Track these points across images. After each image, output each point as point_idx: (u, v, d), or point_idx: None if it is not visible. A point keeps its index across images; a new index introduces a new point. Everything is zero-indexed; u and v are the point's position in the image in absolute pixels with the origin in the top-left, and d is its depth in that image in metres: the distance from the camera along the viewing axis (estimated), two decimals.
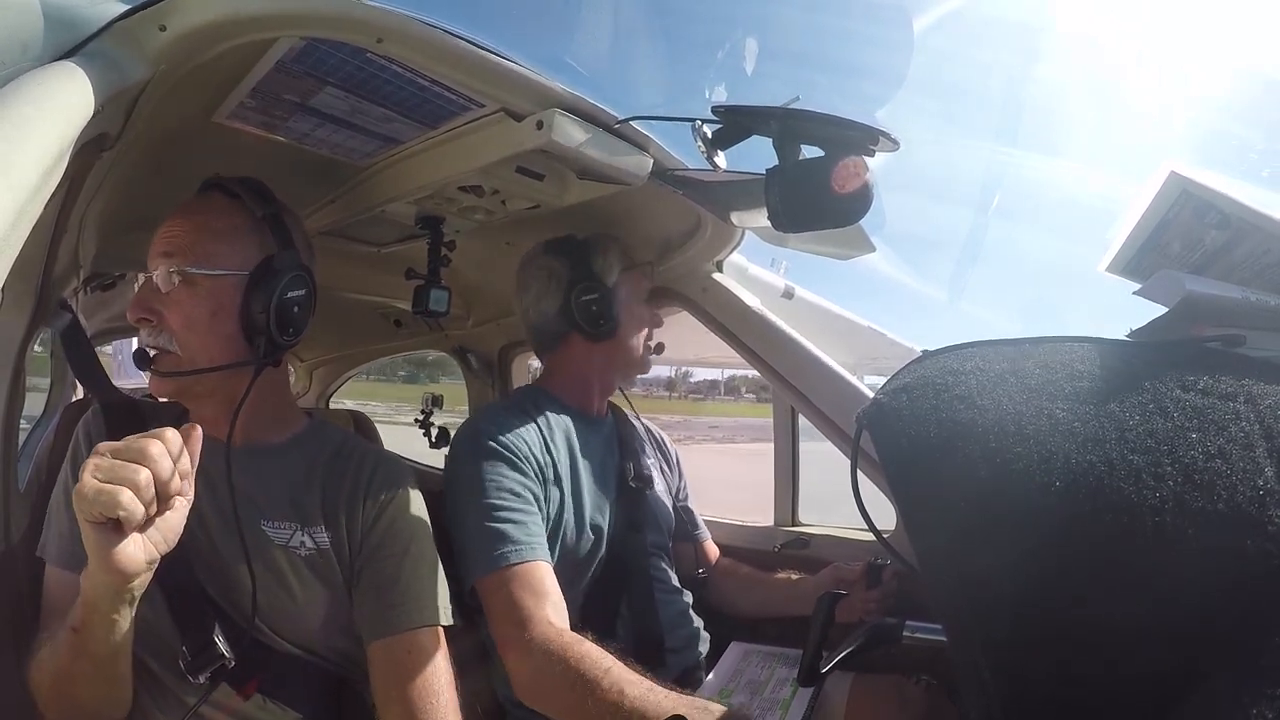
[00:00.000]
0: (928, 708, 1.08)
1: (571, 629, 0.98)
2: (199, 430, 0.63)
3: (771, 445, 1.62)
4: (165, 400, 0.93)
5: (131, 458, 0.58)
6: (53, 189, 0.55)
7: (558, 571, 1.05)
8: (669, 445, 1.50)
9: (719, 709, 0.81)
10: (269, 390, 0.90)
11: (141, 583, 0.62)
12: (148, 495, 0.58)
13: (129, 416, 0.91)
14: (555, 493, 1.13)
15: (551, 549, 1.08)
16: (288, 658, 0.86)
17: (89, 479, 0.56)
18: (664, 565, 1.28)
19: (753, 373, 1.46)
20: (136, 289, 0.88)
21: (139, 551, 0.59)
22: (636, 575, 1.21)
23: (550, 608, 0.98)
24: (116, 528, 0.58)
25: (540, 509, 1.09)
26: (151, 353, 0.85)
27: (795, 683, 1.13)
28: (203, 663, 0.80)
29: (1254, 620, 0.38)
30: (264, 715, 0.83)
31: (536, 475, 1.10)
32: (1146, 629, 0.40)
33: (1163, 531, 0.40)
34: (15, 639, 0.85)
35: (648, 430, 1.47)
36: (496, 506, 1.04)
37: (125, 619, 0.65)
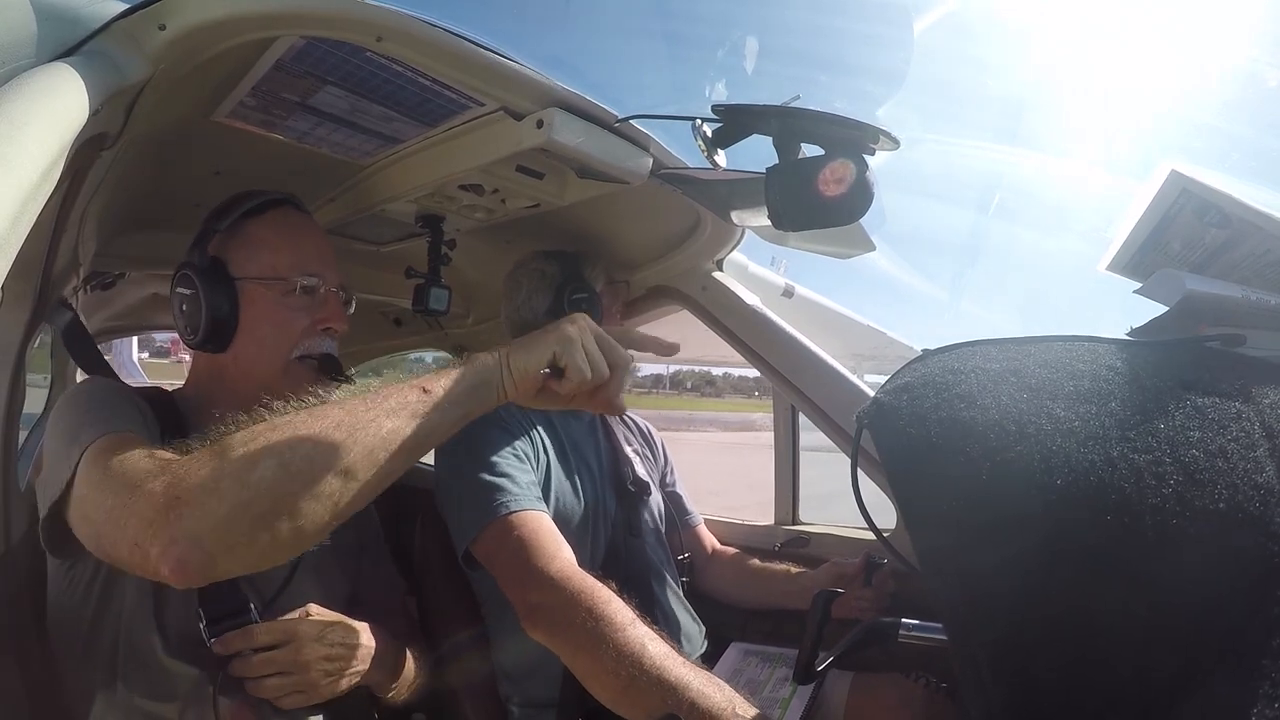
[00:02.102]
0: (928, 707, 1.08)
1: None
2: None
3: (678, 435, 1.64)
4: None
5: (610, 357, 0.70)
6: (52, 188, 0.55)
7: None
8: (653, 433, 1.52)
9: (728, 689, 0.81)
10: None
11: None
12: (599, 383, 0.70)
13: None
14: (544, 458, 1.17)
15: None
16: None
17: (592, 348, 0.69)
18: (662, 565, 1.28)
19: (699, 368, 1.46)
20: (319, 296, 0.92)
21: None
22: (635, 576, 1.22)
23: (566, 549, 0.99)
24: (558, 377, 0.69)
25: (532, 469, 1.13)
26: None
27: (794, 682, 1.13)
28: (226, 625, 0.81)
29: (1255, 620, 0.38)
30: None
31: (524, 436, 1.15)
32: (1147, 628, 0.40)
33: (1164, 531, 0.40)
34: (15, 639, 0.85)
35: (634, 423, 1.50)
36: (495, 463, 1.07)
37: (466, 416, 0.68)
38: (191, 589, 0.80)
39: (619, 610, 0.87)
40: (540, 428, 1.20)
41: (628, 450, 1.36)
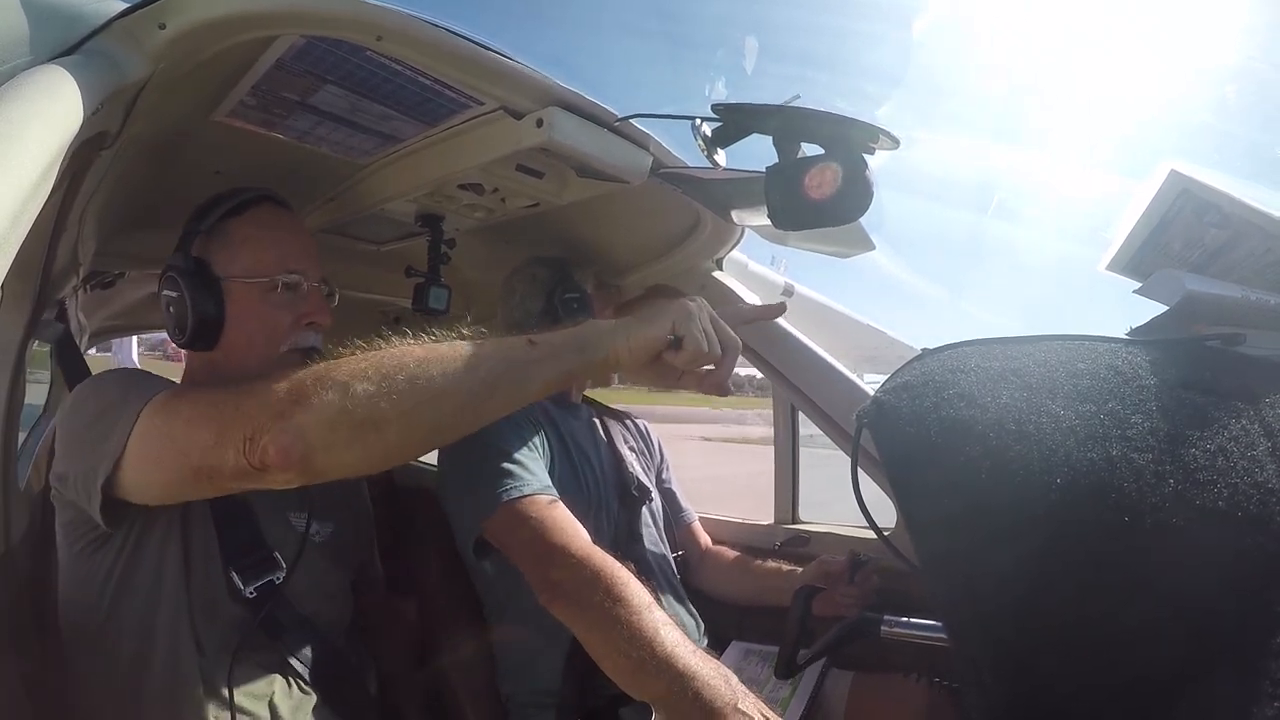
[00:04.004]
0: (927, 707, 1.08)
1: None
2: None
3: None
4: None
5: (723, 339, 0.73)
6: (51, 187, 0.55)
7: None
8: (649, 430, 1.52)
9: (735, 681, 0.81)
10: None
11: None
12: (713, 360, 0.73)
13: None
14: (548, 452, 1.18)
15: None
16: (313, 631, 0.93)
17: (708, 327, 0.72)
18: (661, 568, 1.28)
19: None
20: (302, 292, 0.93)
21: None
22: (641, 571, 1.22)
23: (586, 533, 1.00)
24: (676, 348, 0.71)
25: (540, 458, 1.14)
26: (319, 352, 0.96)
27: (795, 680, 1.14)
28: (256, 573, 0.86)
29: (1255, 619, 0.38)
30: (289, 699, 0.88)
31: (531, 430, 1.16)
32: (1147, 628, 0.40)
33: (1164, 530, 0.40)
34: (15, 639, 0.85)
35: (631, 421, 1.50)
36: (507, 450, 1.08)
37: (569, 374, 0.72)
38: (215, 559, 0.86)
39: (636, 593, 0.88)
40: (544, 426, 1.21)
41: (625, 450, 1.36)
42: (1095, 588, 0.41)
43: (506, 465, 1.06)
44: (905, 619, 0.92)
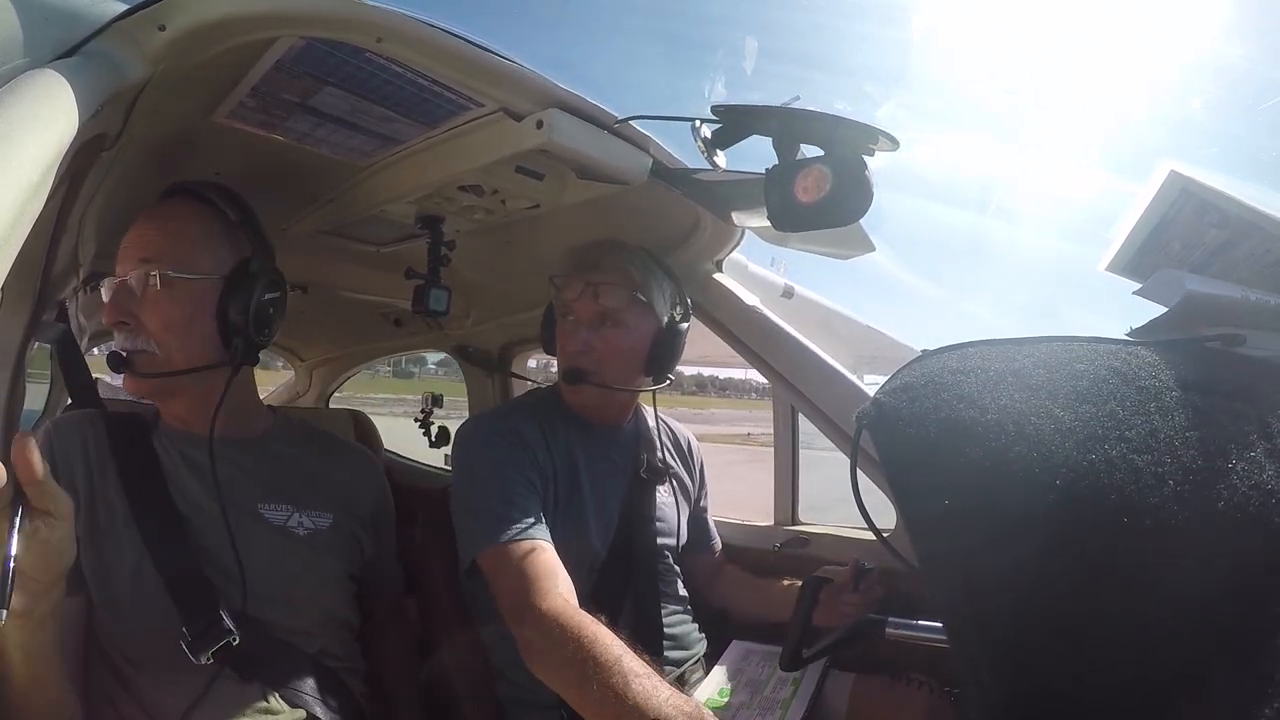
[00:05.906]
0: (927, 708, 1.08)
1: None
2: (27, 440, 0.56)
3: None
4: (143, 401, 0.97)
5: None
6: (50, 189, 0.55)
7: None
8: (696, 452, 1.44)
9: (710, 716, 0.81)
10: (241, 387, 0.96)
11: (40, 610, 0.61)
12: None
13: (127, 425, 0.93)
14: (551, 491, 1.14)
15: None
16: (288, 649, 0.90)
17: None
18: (670, 565, 1.27)
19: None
20: (106, 295, 0.90)
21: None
22: (643, 574, 1.21)
23: (563, 585, 0.99)
24: None
25: (539, 493, 1.11)
26: (124, 354, 0.88)
27: (795, 681, 1.13)
28: (207, 641, 0.81)
29: (1254, 621, 0.38)
30: (271, 714, 0.85)
31: (536, 468, 1.12)
32: (1147, 629, 0.40)
33: (1163, 531, 0.40)
34: None
35: (673, 436, 1.41)
36: (504, 488, 1.06)
37: (37, 640, 0.64)
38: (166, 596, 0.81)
39: (605, 649, 0.89)
40: (555, 455, 1.17)
41: (662, 446, 1.32)
42: (1094, 588, 0.41)
43: (498, 505, 1.04)
44: (910, 621, 0.92)
